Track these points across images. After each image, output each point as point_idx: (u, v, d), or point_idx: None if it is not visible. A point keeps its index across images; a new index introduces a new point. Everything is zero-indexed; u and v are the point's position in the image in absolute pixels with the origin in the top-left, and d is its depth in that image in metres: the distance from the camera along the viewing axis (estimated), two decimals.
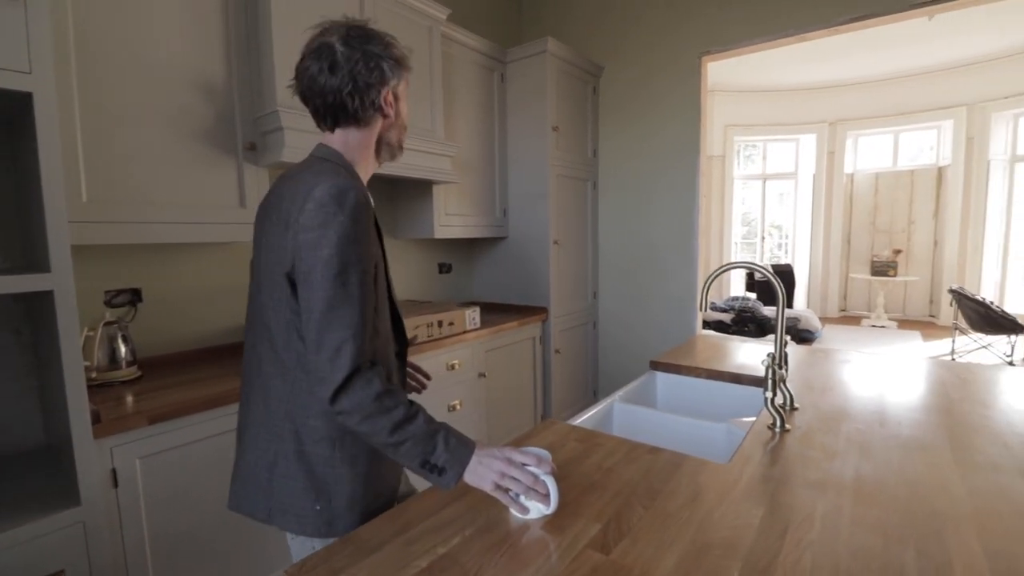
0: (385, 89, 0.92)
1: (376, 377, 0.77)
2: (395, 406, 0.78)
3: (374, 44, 0.91)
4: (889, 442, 1.12)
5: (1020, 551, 0.73)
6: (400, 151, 1.01)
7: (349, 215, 0.77)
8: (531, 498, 0.80)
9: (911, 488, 0.92)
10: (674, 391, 1.80)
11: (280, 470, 0.87)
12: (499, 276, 3.08)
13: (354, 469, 0.88)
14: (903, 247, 7.00)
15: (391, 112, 0.94)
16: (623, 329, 3.35)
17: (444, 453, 0.79)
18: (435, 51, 2.31)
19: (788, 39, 2.65)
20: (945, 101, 6.18)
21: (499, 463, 0.80)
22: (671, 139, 3.05)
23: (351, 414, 0.77)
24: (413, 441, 0.78)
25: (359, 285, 0.78)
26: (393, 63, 0.92)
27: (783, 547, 0.75)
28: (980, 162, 6.09)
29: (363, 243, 0.79)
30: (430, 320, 2.17)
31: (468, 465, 0.80)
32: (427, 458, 0.78)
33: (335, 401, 0.77)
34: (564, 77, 2.92)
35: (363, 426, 0.77)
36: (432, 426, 0.80)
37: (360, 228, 0.78)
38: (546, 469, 0.81)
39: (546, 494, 0.80)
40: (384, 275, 0.92)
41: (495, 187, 2.90)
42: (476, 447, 0.82)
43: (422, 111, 2.27)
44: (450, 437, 0.81)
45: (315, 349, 0.77)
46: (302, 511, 0.86)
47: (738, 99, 6.72)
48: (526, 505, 0.81)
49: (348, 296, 0.76)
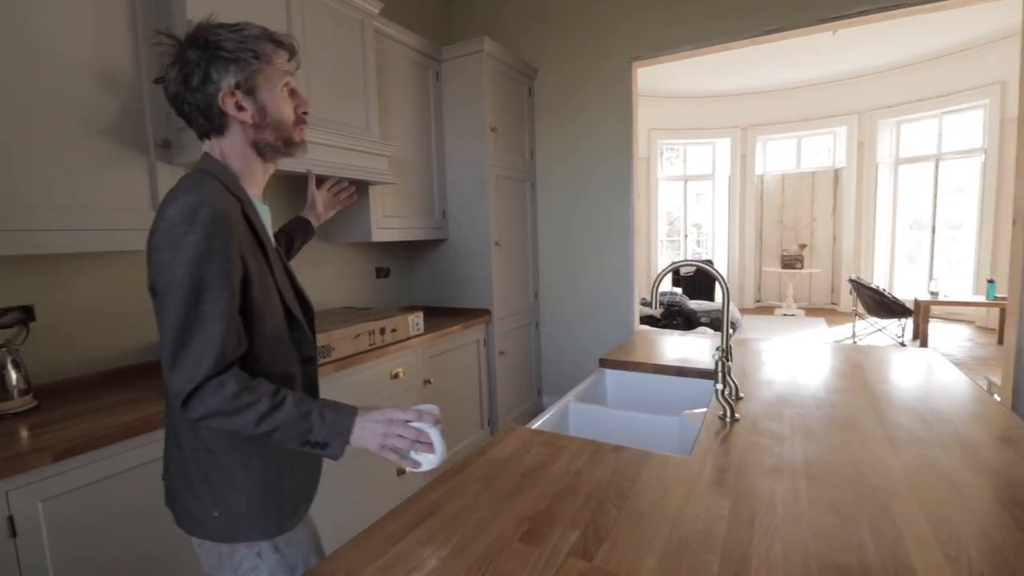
0: (220, 92, 0.84)
1: (229, 380, 0.77)
2: (256, 400, 0.78)
3: (203, 45, 0.84)
4: (827, 424, 1.20)
5: (957, 518, 0.80)
6: (296, 147, 0.93)
7: (202, 232, 0.76)
8: (419, 451, 0.82)
9: (854, 467, 0.99)
10: (623, 387, 1.83)
11: (180, 478, 0.89)
12: (440, 279, 3.02)
13: (248, 473, 0.87)
14: (807, 242, 7.66)
15: (244, 115, 0.86)
16: (564, 328, 3.40)
17: (322, 429, 0.80)
18: (368, 46, 2.22)
19: (712, 48, 2.80)
20: (840, 109, 6.84)
21: (380, 425, 0.81)
22: (605, 141, 3.13)
23: (211, 418, 0.77)
24: (284, 427, 0.79)
25: (214, 302, 0.77)
26: (227, 60, 0.83)
27: (753, 536, 0.78)
28: (870, 164, 6.80)
29: (218, 260, 0.77)
30: (371, 328, 2.07)
31: (353, 433, 0.81)
32: (306, 438, 0.80)
33: (190, 411, 0.77)
34: (500, 78, 2.91)
35: (228, 425, 0.78)
36: (304, 408, 0.81)
37: (215, 244, 0.77)
38: (429, 421, 0.82)
39: (430, 443, 0.82)
40: (274, 285, 0.89)
41: (433, 188, 2.84)
42: (359, 413, 0.83)
43: (355, 108, 2.17)
44: (326, 413, 0.81)
45: (169, 367, 0.76)
46: (202, 517, 0.87)
47: (660, 104, 7.05)
48: (416, 459, 0.83)
49: (201, 315, 0.76)
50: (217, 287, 0.77)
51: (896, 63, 6.06)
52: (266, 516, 0.89)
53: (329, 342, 1.85)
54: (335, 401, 0.85)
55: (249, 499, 0.87)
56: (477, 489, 0.94)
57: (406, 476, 2.25)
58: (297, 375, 0.94)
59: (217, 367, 0.76)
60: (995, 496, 0.87)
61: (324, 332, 1.84)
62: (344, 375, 1.92)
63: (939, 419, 1.21)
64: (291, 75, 0.91)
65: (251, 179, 0.92)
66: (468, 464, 1.05)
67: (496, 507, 0.87)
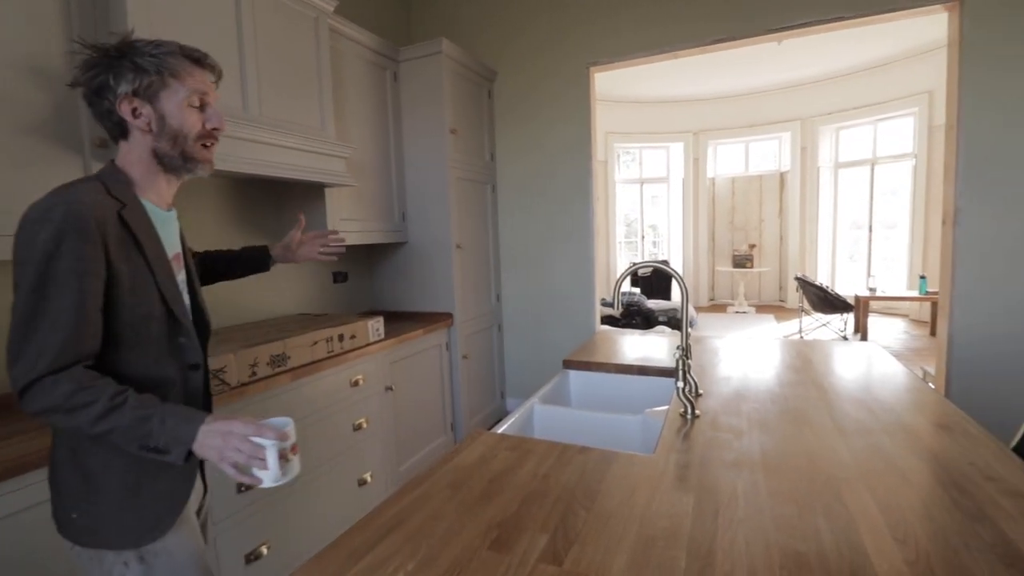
0: (117, 98, 0.87)
1: (64, 378, 0.77)
2: (94, 400, 0.78)
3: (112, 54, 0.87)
4: (782, 417, 1.25)
5: (904, 502, 0.84)
6: (197, 164, 0.95)
7: (52, 230, 0.77)
8: (257, 467, 0.80)
9: (808, 457, 1.03)
10: (587, 387, 1.85)
11: (50, 479, 0.90)
12: (400, 283, 2.97)
13: (108, 476, 0.87)
14: (757, 242, 7.99)
15: (140, 122, 0.88)
16: (527, 330, 3.40)
17: (162, 435, 0.80)
18: (322, 44, 2.16)
19: (665, 55, 2.88)
20: (784, 116, 7.17)
21: (219, 438, 0.80)
22: (565, 144, 3.16)
23: (48, 415, 0.78)
24: (121, 430, 0.79)
25: (58, 299, 0.78)
26: (129, 68, 0.86)
27: (717, 529, 0.79)
28: (812, 168, 7.16)
29: (67, 258, 0.78)
30: (329, 334, 2.01)
31: (196, 441, 0.80)
32: (144, 442, 0.79)
33: (26, 405, 0.77)
34: (459, 80, 2.89)
35: (66, 423, 0.78)
36: (144, 411, 0.80)
37: (65, 243, 0.78)
38: (271, 436, 0.80)
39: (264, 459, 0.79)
40: (155, 289, 0.89)
41: (393, 190, 2.79)
42: (204, 422, 0.82)
43: (309, 109, 2.10)
44: (168, 418, 0.81)
45: (11, 361, 0.77)
46: (64, 519, 0.88)
47: (617, 108, 7.20)
48: (257, 475, 0.81)
49: (44, 311, 0.77)
50: (62, 284, 0.77)
51: (835, 73, 6.42)
52: (125, 523, 0.88)
53: (285, 350, 1.78)
54: (185, 408, 0.84)
55: (108, 503, 0.87)
56: (443, 498, 0.92)
57: (367, 487, 2.19)
58: (176, 381, 0.94)
59: (55, 364, 0.77)
60: (936, 479, 0.92)
61: (279, 340, 1.77)
62: (301, 384, 1.86)
63: (883, 408, 1.28)
64: (204, 93, 0.93)
65: (151, 187, 0.93)
66: (433, 472, 1.03)
67: (463, 515, 0.86)
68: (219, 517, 1.58)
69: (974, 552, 0.71)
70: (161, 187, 0.95)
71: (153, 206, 0.93)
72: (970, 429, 1.13)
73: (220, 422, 0.81)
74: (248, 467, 0.80)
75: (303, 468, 1.81)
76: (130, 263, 0.86)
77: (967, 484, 0.90)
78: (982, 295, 2.41)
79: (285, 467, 0.81)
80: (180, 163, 0.93)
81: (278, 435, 0.80)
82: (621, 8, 2.92)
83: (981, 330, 2.42)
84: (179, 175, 0.96)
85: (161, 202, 0.95)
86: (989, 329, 2.40)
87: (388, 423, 2.35)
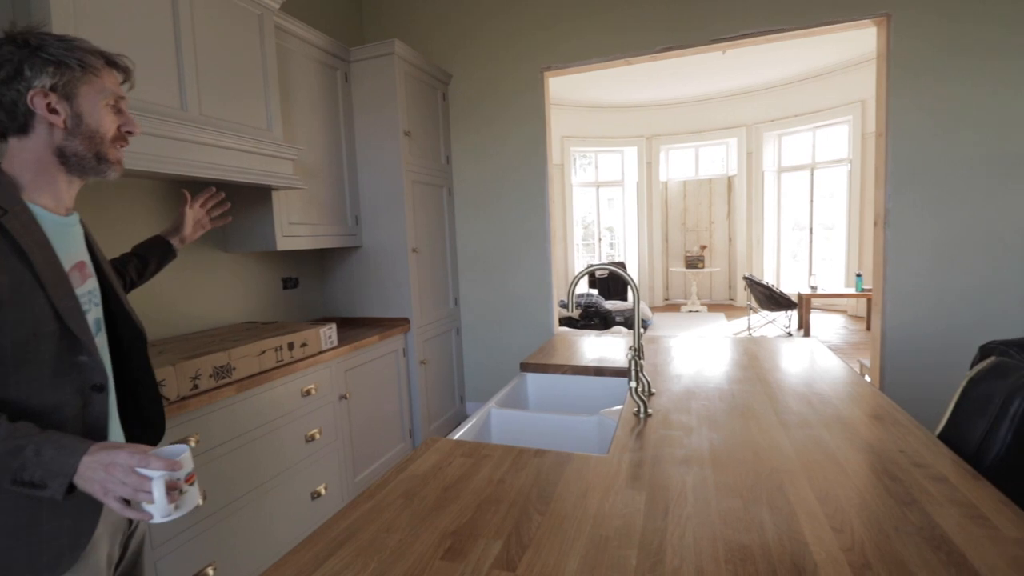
0: (30, 90, 0.81)
1: None
2: None
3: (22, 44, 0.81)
4: (730, 413, 1.29)
5: (840, 492, 0.89)
6: (109, 165, 0.89)
7: None
8: (144, 501, 0.74)
9: (753, 451, 1.06)
10: (544, 390, 1.86)
11: None
12: (355, 288, 2.90)
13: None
14: (707, 243, 8.28)
15: (56, 118, 0.83)
16: (486, 333, 3.40)
17: (37, 468, 0.72)
18: (267, 43, 2.08)
19: (616, 61, 2.94)
20: (731, 122, 7.47)
21: (101, 470, 0.73)
22: (520, 147, 3.18)
23: None
24: None
25: None
26: (46, 62, 0.81)
27: (667, 525, 0.81)
28: (757, 172, 7.48)
29: None
30: (278, 343, 1.94)
31: (77, 473, 0.73)
32: (17, 476, 0.72)
33: None
34: (413, 82, 2.85)
35: None
36: (15, 442, 0.73)
37: None
38: (158, 467, 0.73)
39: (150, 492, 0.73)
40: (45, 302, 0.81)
41: (345, 193, 2.72)
42: (87, 452, 0.74)
43: (255, 109, 2.03)
44: (45, 449, 0.73)
45: None
46: None
47: (573, 113, 7.30)
48: (147, 509, 0.74)
49: None
50: None
51: (777, 82, 6.75)
52: (17, 561, 0.79)
53: (229, 361, 1.70)
54: (67, 437, 0.76)
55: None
56: (396, 508, 0.90)
57: (321, 499, 2.13)
58: (74, 406, 0.84)
59: None
60: (870, 468, 0.97)
61: (223, 351, 1.69)
62: (247, 396, 1.78)
63: (822, 401, 1.34)
64: (121, 96, 0.90)
65: (46, 189, 0.86)
66: (387, 483, 1.00)
67: (417, 526, 0.84)
68: (159, 540, 1.49)
69: (903, 536, 0.76)
70: (59, 190, 0.88)
71: (46, 212, 0.86)
72: (900, 419, 1.20)
73: (104, 452, 0.73)
74: (136, 501, 0.73)
75: (249, 484, 1.73)
76: (12, 275, 0.77)
77: (898, 471, 0.95)
78: (911, 292, 2.58)
79: (179, 500, 0.74)
80: (92, 164, 0.87)
81: (167, 465, 0.73)
82: (573, 13, 2.96)
83: (911, 325, 2.59)
84: (85, 176, 0.90)
85: (58, 207, 0.88)
86: (918, 324, 2.57)
87: (343, 433, 2.28)
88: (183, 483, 0.75)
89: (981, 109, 2.41)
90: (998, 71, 2.37)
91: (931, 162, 2.49)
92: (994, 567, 0.68)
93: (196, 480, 0.78)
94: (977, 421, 1.04)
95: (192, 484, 0.77)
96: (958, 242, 2.50)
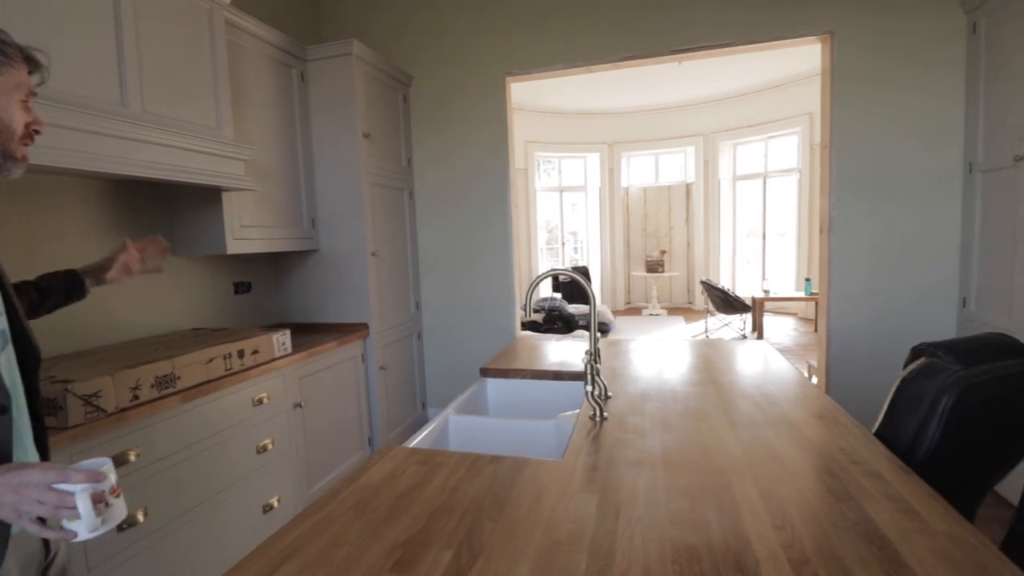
0: None
1: None
2: None
3: None
4: (682, 415, 1.32)
5: (783, 491, 0.92)
6: (15, 163, 0.84)
7: None
8: (67, 518, 0.69)
9: (703, 452, 1.09)
10: (504, 395, 1.85)
11: None
12: (311, 293, 2.82)
13: None
14: (667, 248, 8.49)
15: None
16: (448, 337, 3.37)
17: None
18: (217, 38, 2.01)
19: (577, 69, 2.99)
20: (689, 131, 7.70)
21: (11, 493, 0.68)
22: (483, 151, 3.18)
23: None
24: None
25: None
26: None
27: (618, 528, 0.82)
28: (713, 180, 7.74)
29: None
30: (227, 351, 1.86)
31: None
32: None
33: None
34: (373, 83, 2.81)
35: None
36: None
37: None
38: (80, 479, 0.68)
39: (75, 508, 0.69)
40: None
41: (301, 195, 2.65)
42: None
43: (204, 107, 1.95)
44: None
45: None
46: None
47: (536, 118, 7.37)
48: (70, 528, 0.69)
49: None
50: None
51: (732, 93, 7.01)
52: None
53: (173, 370, 1.62)
54: None
55: None
56: (346, 520, 0.87)
57: (274, 512, 2.05)
58: None
59: None
60: (812, 467, 1.01)
61: (167, 359, 1.62)
62: (194, 406, 1.70)
63: (770, 402, 1.39)
64: (34, 92, 0.86)
65: None
66: (337, 493, 0.97)
67: (367, 538, 0.82)
68: (95, 562, 1.40)
69: (840, 531, 0.79)
70: None
71: None
72: (840, 418, 1.26)
73: (11, 473, 0.68)
74: (56, 519, 0.68)
75: (197, 498, 1.66)
76: None
77: (837, 469, 0.99)
78: (854, 296, 2.71)
79: (105, 513, 0.70)
80: (10, 163, 0.82)
81: (90, 476, 0.69)
82: (536, 21, 2.99)
83: (854, 327, 2.72)
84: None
85: None
86: (861, 326, 2.71)
87: (297, 442, 2.21)
88: (108, 495, 0.71)
89: (917, 121, 2.57)
90: (931, 84, 2.53)
91: (872, 172, 2.64)
92: (922, 559, 0.71)
93: (121, 493, 0.74)
94: (909, 419, 1.10)
95: (117, 496, 0.73)
96: (898, 248, 2.64)
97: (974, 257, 2.47)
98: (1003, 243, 2.26)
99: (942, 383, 1.06)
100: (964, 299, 2.54)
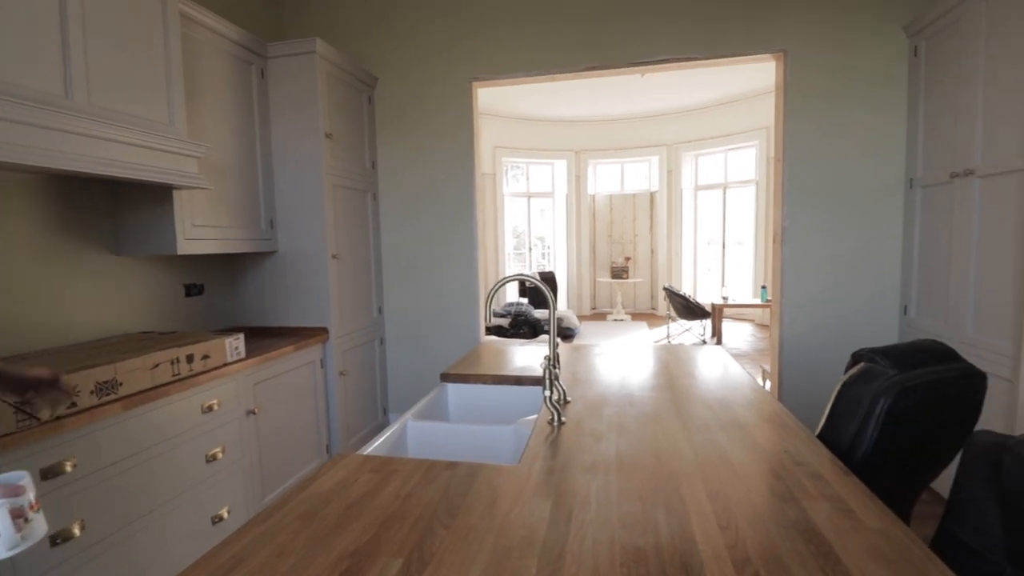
0: None
1: None
2: None
3: None
4: (638, 419, 1.34)
5: (730, 492, 0.94)
6: None
7: None
8: None
9: (656, 456, 1.11)
10: (465, 400, 1.84)
11: None
12: (268, 296, 2.74)
13: None
14: (632, 255, 8.65)
15: None
16: (411, 342, 3.33)
17: None
18: (171, 30, 1.94)
19: (543, 77, 3.02)
20: (653, 141, 7.88)
21: None
22: (449, 155, 3.17)
23: None
24: None
25: None
26: None
27: (570, 532, 0.82)
28: (676, 189, 7.94)
29: None
30: (175, 355, 1.79)
31: None
32: None
33: None
34: (336, 83, 2.77)
35: None
36: None
37: None
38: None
39: None
40: None
41: (259, 195, 2.58)
42: None
43: (155, 102, 1.87)
44: None
45: None
46: None
47: (505, 124, 7.40)
48: None
49: None
50: None
51: (694, 106, 7.23)
52: None
53: (115, 375, 1.55)
54: None
55: None
56: (293, 531, 0.85)
57: (224, 523, 1.98)
58: None
59: None
60: (758, 469, 1.05)
61: (108, 364, 1.54)
62: (137, 414, 1.63)
63: (723, 406, 1.43)
64: None
65: None
66: (286, 503, 0.94)
67: (313, 548, 0.80)
68: None
69: (782, 530, 0.81)
70: None
71: None
72: (788, 422, 1.31)
73: None
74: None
75: (140, 510, 1.59)
76: None
77: (781, 470, 1.03)
78: (805, 303, 2.82)
79: (25, 528, 0.68)
80: None
81: (7, 491, 0.66)
82: (503, 27, 3.01)
83: (805, 334, 2.83)
84: None
85: None
86: (811, 332, 2.82)
87: (250, 450, 2.14)
88: (28, 510, 0.67)
89: (864, 137, 2.71)
90: (877, 101, 2.68)
91: (823, 185, 2.76)
92: (856, 557, 0.75)
93: (41, 508, 0.70)
94: (849, 423, 1.15)
95: (38, 512, 0.69)
96: (846, 258, 2.77)
97: (914, 268, 2.62)
98: (940, 255, 2.40)
99: (879, 387, 1.12)
100: (905, 307, 2.69)
